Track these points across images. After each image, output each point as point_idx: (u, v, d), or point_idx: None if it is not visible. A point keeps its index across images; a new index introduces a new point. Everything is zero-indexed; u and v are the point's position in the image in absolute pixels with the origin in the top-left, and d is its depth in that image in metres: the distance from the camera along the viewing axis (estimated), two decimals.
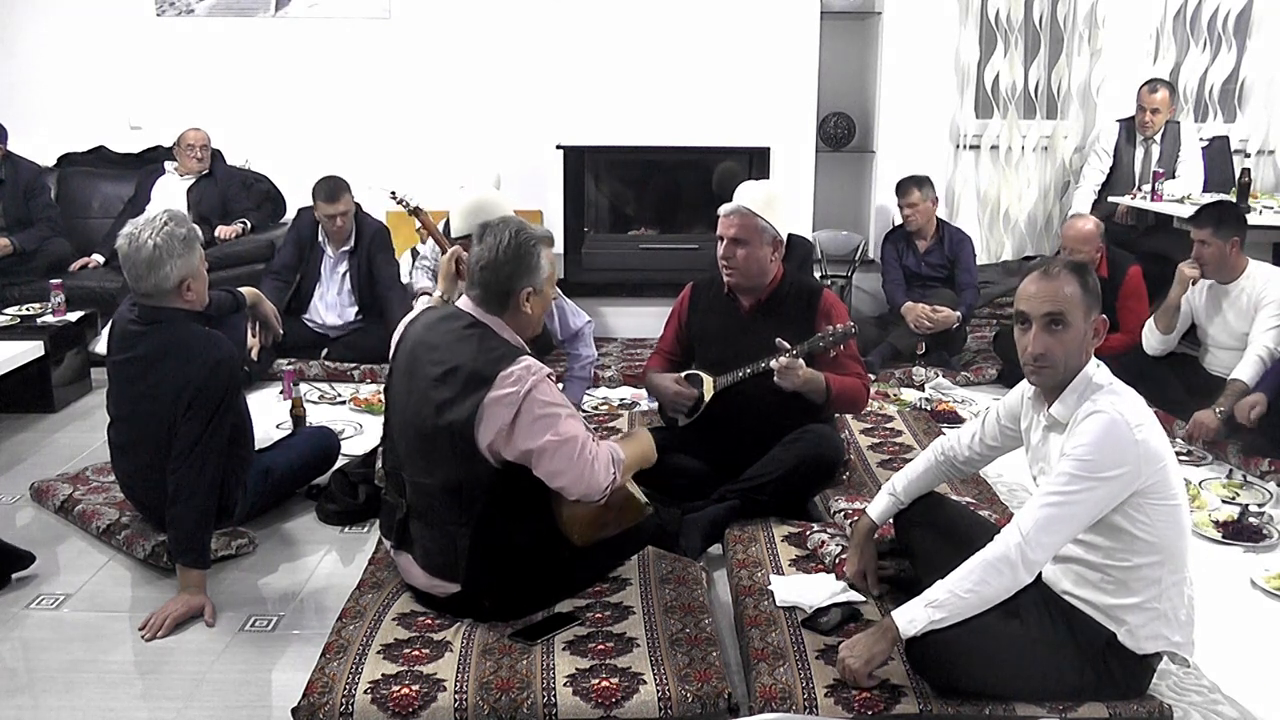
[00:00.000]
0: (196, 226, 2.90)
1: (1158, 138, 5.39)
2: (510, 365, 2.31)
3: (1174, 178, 5.26)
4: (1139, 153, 5.45)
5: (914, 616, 2.12)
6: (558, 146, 5.54)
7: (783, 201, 3.27)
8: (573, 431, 2.33)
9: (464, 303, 2.49)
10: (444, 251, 4.18)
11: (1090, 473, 2.04)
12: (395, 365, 2.59)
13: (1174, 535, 2.11)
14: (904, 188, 5.11)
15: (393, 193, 4.72)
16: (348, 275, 4.89)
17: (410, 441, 2.47)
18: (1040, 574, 2.17)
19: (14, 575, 2.90)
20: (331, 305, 4.92)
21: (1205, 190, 5.21)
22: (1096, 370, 2.17)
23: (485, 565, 2.41)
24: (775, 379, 2.99)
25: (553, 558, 2.49)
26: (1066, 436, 2.13)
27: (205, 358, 2.75)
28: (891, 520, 2.64)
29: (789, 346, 3.01)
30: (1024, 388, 2.38)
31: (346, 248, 4.88)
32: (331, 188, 4.73)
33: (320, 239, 4.89)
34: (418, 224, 4.78)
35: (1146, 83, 5.36)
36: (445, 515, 2.42)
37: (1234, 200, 4.66)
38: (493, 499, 2.38)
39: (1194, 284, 3.99)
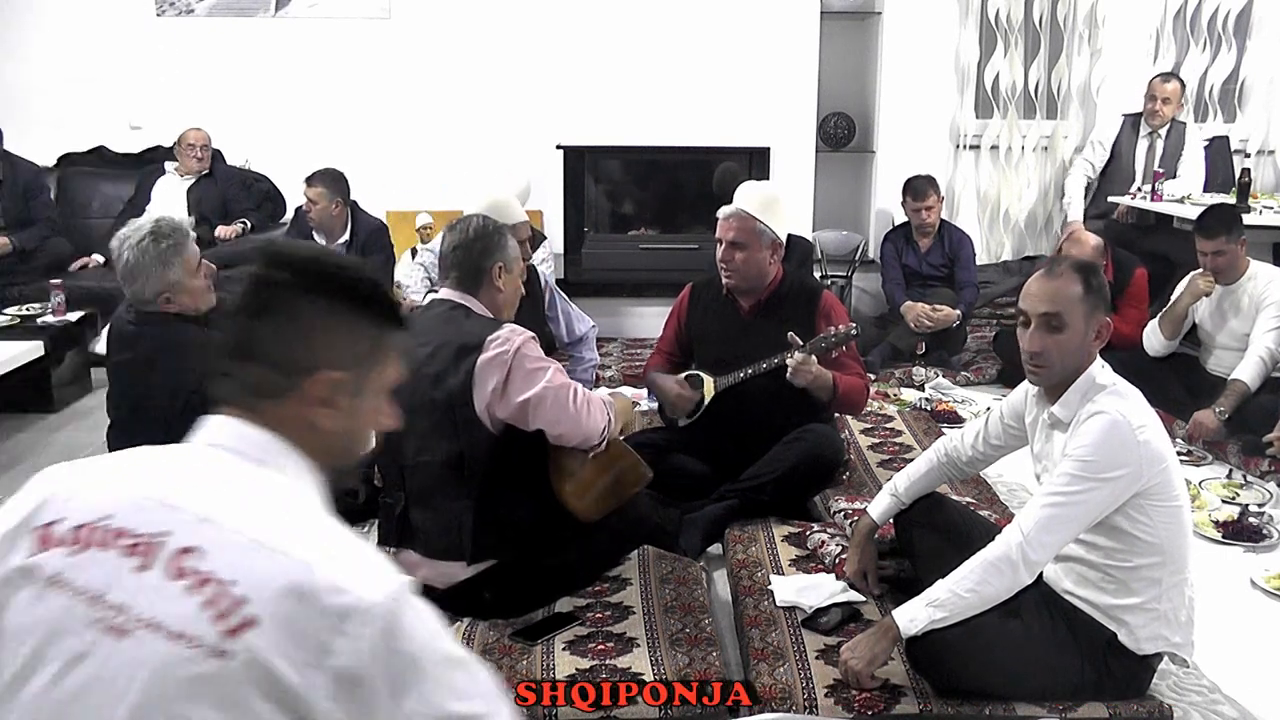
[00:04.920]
0: (189, 232, 2.84)
1: (1163, 132, 5.38)
2: (496, 330, 2.42)
3: (1174, 178, 5.26)
4: (1142, 146, 5.44)
5: (914, 616, 2.12)
6: (558, 146, 5.54)
7: (783, 203, 3.27)
8: (563, 380, 2.43)
9: (443, 292, 2.59)
10: None
11: (1092, 473, 2.04)
12: None
13: (1175, 536, 2.11)
14: (921, 190, 5.06)
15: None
16: None
17: (408, 422, 2.47)
18: (1041, 574, 2.18)
19: None
20: None
21: (1205, 190, 5.21)
22: (1101, 371, 2.17)
23: (489, 540, 2.44)
24: (788, 375, 3.00)
25: (556, 534, 2.51)
26: (1069, 436, 2.13)
27: (201, 359, 2.75)
28: (892, 520, 2.64)
29: (801, 343, 3.01)
30: (1028, 384, 2.38)
31: (341, 242, 4.89)
32: (313, 173, 4.78)
33: (316, 234, 4.90)
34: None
35: (1160, 74, 5.37)
36: (447, 492, 2.45)
37: (1230, 201, 4.61)
38: (493, 470, 2.43)
39: (1208, 296, 3.97)
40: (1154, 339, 4.11)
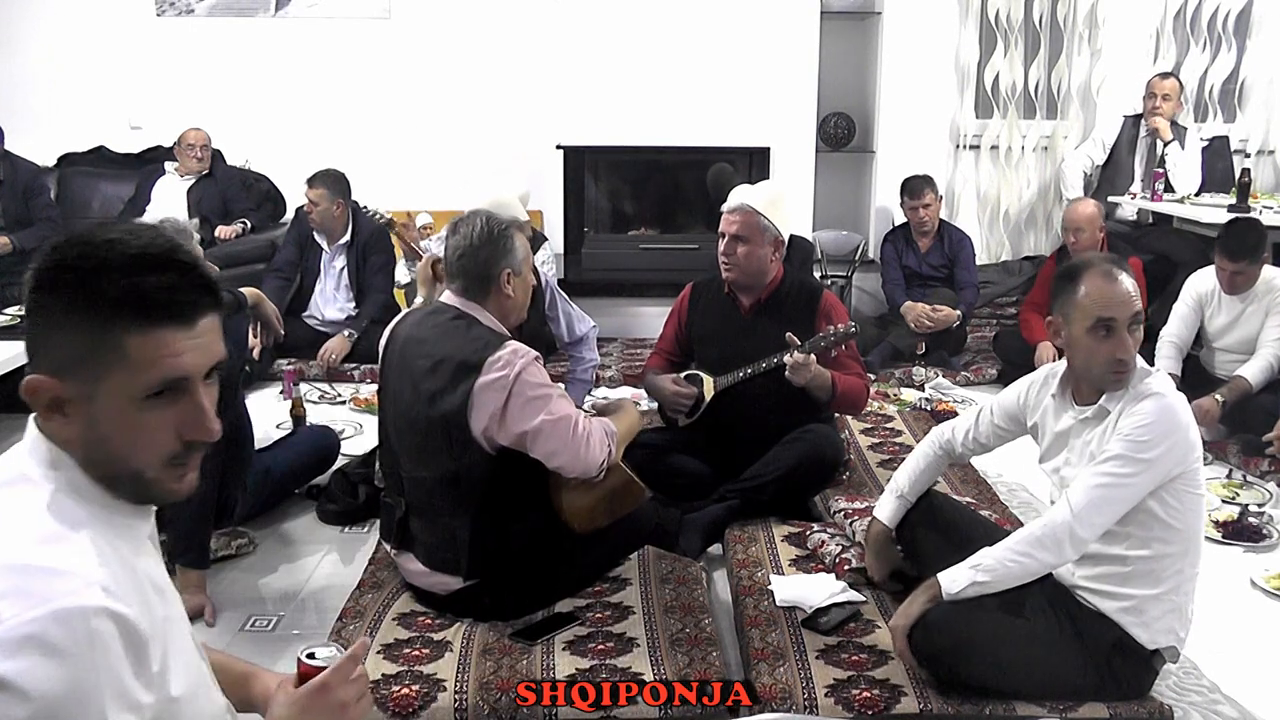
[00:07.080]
0: (193, 234, 2.85)
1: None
2: (497, 351, 2.34)
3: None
4: (1141, 146, 5.43)
5: (956, 577, 2.14)
6: (558, 146, 5.54)
7: (787, 202, 3.28)
8: (565, 410, 2.35)
9: (448, 297, 2.52)
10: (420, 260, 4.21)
11: (1144, 453, 2.05)
12: (387, 363, 2.59)
13: (1197, 526, 2.15)
14: (917, 188, 5.07)
15: (364, 208, 4.74)
16: (344, 270, 4.92)
17: (406, 436, 2.48)
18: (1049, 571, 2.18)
19: None
20: (330, 300, 4.95)
21: (1203, 190, 5.20)
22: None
23: (486, 556, 2.42)
24: (787, 374, 2.99)
25: (554, 548, 2.49)
26: (1117, 420, 2.12)
27: None
28: None
29: (799, 342, 3.01)
30: (1023, 387, 2.38)
31: (342, 242, 4.90)
32: (314, 175, 4.81)
33: (317, 234, 4.91)
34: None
35: (1159, 73, 5.38)
36: (444, 508, 2.43)
37: (1256, 218, 4.35)
38: (490, 489, 2.40)
39: (1211, 301, 3.97)
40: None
